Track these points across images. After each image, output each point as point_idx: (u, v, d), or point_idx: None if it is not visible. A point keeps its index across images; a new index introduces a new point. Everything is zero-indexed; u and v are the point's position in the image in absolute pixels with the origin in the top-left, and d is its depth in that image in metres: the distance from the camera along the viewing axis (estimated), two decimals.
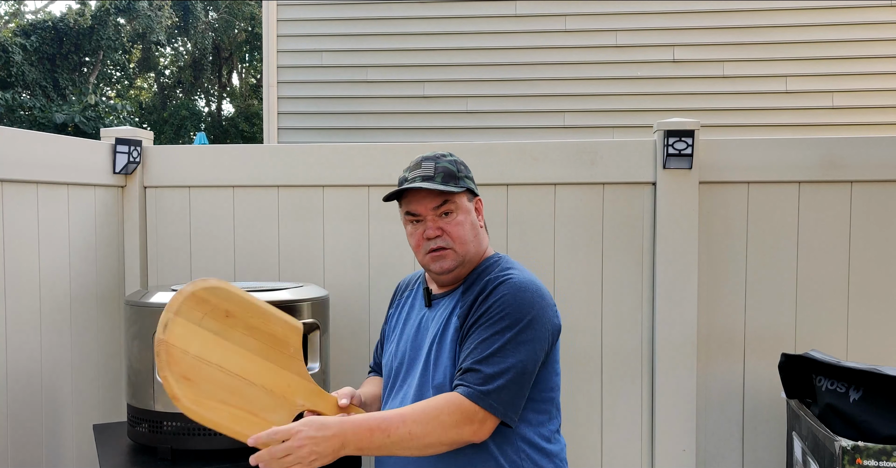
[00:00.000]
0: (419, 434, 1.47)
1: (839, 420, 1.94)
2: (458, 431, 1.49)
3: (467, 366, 1.53)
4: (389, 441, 1.47)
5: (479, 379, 1.50)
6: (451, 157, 1.73)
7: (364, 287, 2.61)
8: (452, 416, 1.48)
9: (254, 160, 2.64)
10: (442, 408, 1.49)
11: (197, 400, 1.52)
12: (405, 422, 1.48)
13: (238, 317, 1.60)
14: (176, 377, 1.51)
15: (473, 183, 1.74)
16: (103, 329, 2.54)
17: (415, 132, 5.29)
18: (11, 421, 2.12)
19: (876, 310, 2.44)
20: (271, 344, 1.62)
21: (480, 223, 1.73)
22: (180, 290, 1.55)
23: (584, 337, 2.53)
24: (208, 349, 1.56)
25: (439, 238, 1.66)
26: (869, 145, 2.43)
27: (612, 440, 2.53)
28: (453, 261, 1.67)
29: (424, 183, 1.64)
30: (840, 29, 5.07)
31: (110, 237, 2.60)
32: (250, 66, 22.85)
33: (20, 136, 2.16)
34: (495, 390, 1.50)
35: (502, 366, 1.51)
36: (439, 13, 5.35)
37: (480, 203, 1.76)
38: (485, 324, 1.57)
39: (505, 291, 1.59)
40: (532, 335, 1.56)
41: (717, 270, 2.49)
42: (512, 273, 1.64)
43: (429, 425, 1.48)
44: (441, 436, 1.48)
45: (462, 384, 1.51)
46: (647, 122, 3.02)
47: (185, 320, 1.54)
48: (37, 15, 20.39)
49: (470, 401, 1.49)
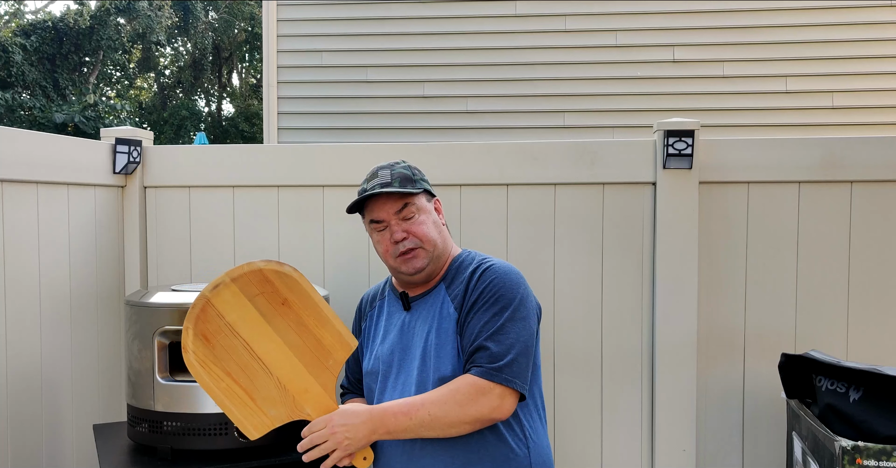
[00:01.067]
0: (439, 415, 1.58)
1: (839, 420, 1.94)
2: (477, 408, 1.58)
3: (474, 347, 1.63)
4: (413, 423, 1.58)
5: (489, 357, 1.60)
6: (405, 163, 1.84)
7: (364, 287, 2.61)
8: (468, 395, 1.58)
9: (254, 160, 2.64)
10: (457, 389, 1.59)
11: (204, 361, 1.55)
12: (424, 405, 1.58)
13: (293, 309, 1.61)
14: (196, 332, 1.55)
15: (429, 185, 1.85)
16: (103, 329, 2.54)
17: (415, 132, 5.29)
18: (11, 421, 2.12)
19: (876, 310, 2.44)
20: (312, 347, 1.62)
21: (443, 221, 1.84)
22: (251, 262, 1.57)
23: (584, 337, 2.53)
24: (245, 324, 1.57)
25: (406, 240, 1.74)
26: (869, 145, 2.43)
27: (612, 440, 2.53)
28: (425, 259, 1.74)
29: (384, 188, 1.73)
30: (840, 29, 5.07)
31: (110, 237, 2.60)
32: (250, 66, 22.85)
33: (20, 136, 2.16)
34: (506, 365, 1.59)
35: (508, 343, 1.62)
36: (439, 13, 5.35)
37: (439, 203, 1.87)
38: (482, 307, 1.67)
39: (493, 275, 1.70)
40: (525, 312, 1.68)
41: (717, 270, 2.49)
42: (491, 260, 1.77)
43: (446, 405, 1.58)
44: (461, 415, 1.58)
45: (474, 365, 1.61)
46: (647, 122, 3.02)
47: (238, 289, 1.57)
48: (37, 15, 20.39)
49: (483, 379, 1.59)
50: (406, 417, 1.58)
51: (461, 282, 1.74)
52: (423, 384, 1.70)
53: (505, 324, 1.63)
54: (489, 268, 1.72)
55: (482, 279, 1.70)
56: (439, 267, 1.79)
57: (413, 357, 1.74)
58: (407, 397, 1.65)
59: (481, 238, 2.53)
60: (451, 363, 1.67)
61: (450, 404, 1.58)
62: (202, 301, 1.55)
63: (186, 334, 1.54)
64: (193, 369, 1.54)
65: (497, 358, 1.60)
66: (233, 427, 1.88)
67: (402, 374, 1.74)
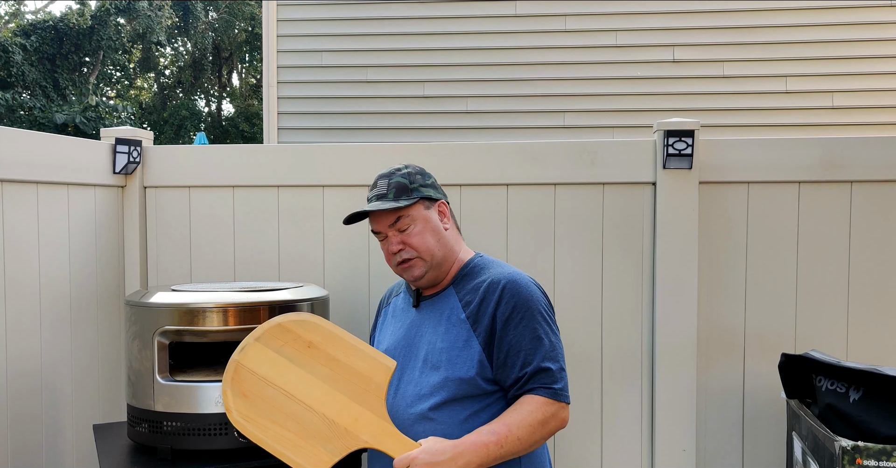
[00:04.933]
0: (525, 437, 1.63)
1: (839, 420, 1.94)
2: (553, 426, 1.67)
3: (536, 367, 1.67)
4: (504, 451, 1.62)
5: (550, 377, 1.68)
6: (406, 169, 1.83)
7: (364, 287, 2.61)
8: (545, 415, 1.66)
9: (254, 160, 2.64)
10: (534, 410, 1.65)
11: (247, 415, 1.60)
12: (511, 431, 1.63)
13: (321, 348, 1.65)
14: (234, 392, 1.62)
15: (432, 188, 1.83)
16: (103, 329, 2.54)
17: (415, 132, 5.29)
18: (11, 421, 2.12)
19: (876, 310, 2.44)
20: (350, 377, 1.64)
21: (446, 225, 1.83)
22: (270, 320, 1.65)
23: (584, 337, 2.53)
24: (277, 373, 1.63)
25: (403, 251, 1.78)
26: (869, 145, 2.43)
27: (612, 440, 2.53)
28: (422, 269, 1.77)
29: (375, 204, 1.77)
30: (840, 29, 5.07)
31: (110, 237, 2.60)
32: (250, 66, 22.85)
33: (20, 136, 2.16)
34: (564, 382, 1.70)
35: (558, 358, 1.70)
36: (439, 13, 5.35)
37: (444, 205, 1.84)
38: (520, 324, 1.70)
39: (516, 290, 1.72)
40: (551, 317, 1.76)
41: (717, 270, 2.49)
42: (503, 272, 1.77)
43: (530, 428, 1.64)
44: (541, 433, 1.65)
45: (541, 386, 1.67)
46: (647, 122, 3.02)
47: (264, 345, 1.64)
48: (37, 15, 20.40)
49: (552, 399, 1.67)
50: (497, 446, 1.61)
51: (473, 289, 1.75)
52: (422, 385, 1.71)
53: (549, 338, 1.71)
54: (509, 281, 1.73)
55: (504, 295, 1.71)
56: (444, 272, 1.81)
57: (416, 358, 1.75)
58: (485, 425, 1.66)
59: (481, 238, 2.53)
60: (467, 368, 1.69)
61: (534, 426, 1.64)
62: (233, 364, 1.62)
63: (226, 396, 1.61)
64: (239, 426, 1.59)
65: (557, 378, 1.68)
66: (233, 427, 1.88)
67: (406, 373, 1.76)
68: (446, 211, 1.85)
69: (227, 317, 1.92)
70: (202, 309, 1.92)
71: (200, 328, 1.92)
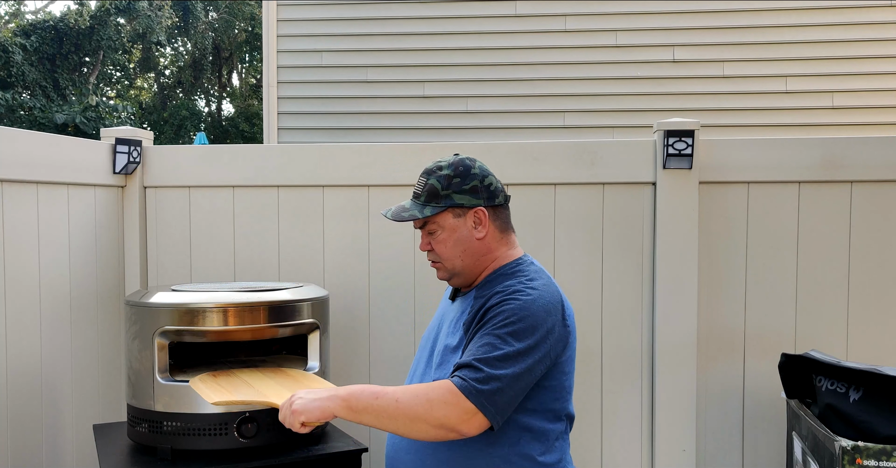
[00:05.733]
0: (405, 403, 1.50)
1: (839, 420, 1.94)
2: (445, 413, 1.49)
3: (467, 362, 1.53)
4: (377, 403, 1.52)
5: (474, 373, 1.50)
6: (447, 170, 1.73)
7: (364, 287, 2.61)
8: (441, 396, 1.50)
9: (254, 160, 2.64)
10: (433, 388, 1.52)
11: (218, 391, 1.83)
12: (395, 392, 1.53)
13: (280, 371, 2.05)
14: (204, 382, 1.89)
15: (469, 194, 1.71)
16: (103, 329, 2.54)
17: (415, 132, 5.28)
18: (11, 421, 2.12)
19: (876, 311, 2.44)
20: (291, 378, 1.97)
21: (479, 234, 1.73)
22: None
23: (584, 337, 2.53)
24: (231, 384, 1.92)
25: (430, 253, 1.77)
26: (869, 145, 2.43)
27: (612, 440, 2.53)
28: (445, 273, 1.77)
29: (397, 208, 1.76)
30: (840, 29, 5.07)
31: (110, 237, 2.60)
32: (250, 66, 22.85)
33: (20, 136, 2.16)
34: (490, 392, 1.50)
35: (501, 374, 1.51)
36: (439, 13, 5.35)
37: (481, 212, 1.72)
38: (492, 330, 1.57)
39: (507, 303, 1.60)
40: (536, 354, 1.57)
41: (717, 270, 2.49)
42: (520, 283, 1.66)
43: (417, 398, 1.51)
44: (426, 413, 1.49)
45: (459, 377, 1.52)
46: (647, 122, 3.02)
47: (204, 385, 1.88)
48: (37, 15, 20.40)
49: (461, 391, 1.49)
50: (372, 395, 1.53)
51: (484, 296, 1.67)
52: (425, 382, 1.71)
53: (507, 353, 1.53)
54: (515, 298, 1.61)
55: (504, 310, 1.59)
56: (472, 277, 1.76)
57: (430, 351, 1.78)
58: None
59: None
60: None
61: (421, 398, 1.50)
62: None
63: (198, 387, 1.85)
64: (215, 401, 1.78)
65: (484, 381, 1.50)
66: (233, 427, 1.88)
67: (420, 364, 1.80)
68: (484, 218, 1.73)
69: (226, 317, 1.92)
70: (202, 309, 1.92)
71: (200, 328, 1.92)
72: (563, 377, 1.72)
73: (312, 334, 2.10)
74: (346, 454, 1.95)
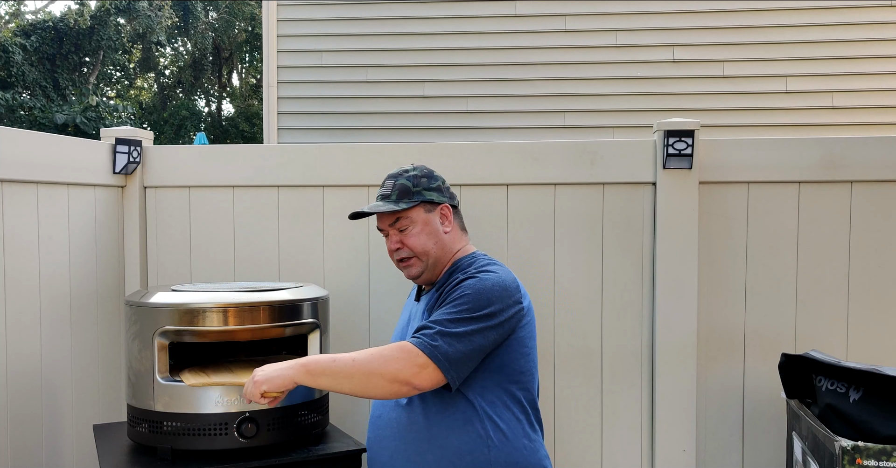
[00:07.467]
0: (361, 360, 1.62)
1: (839, 420, 1.94)
2: (398, 366, 1.60)
3: (422, 324, 1.68)
4: (335, 365, 1.63)
5: (430, 333, 1.64)
6: (413, 171, 1.91)
7: (364, 287, 2.61)
8: (395, 351, 1.63)
9: (254, 160, 2.64)
10: (389, 347, 1.65)
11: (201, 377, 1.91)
12: (353, 354, 1.65)
13: None
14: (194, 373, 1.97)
15: (436, 192, 1.90)
16: (103, 329, 2.54)
17: (415, 132, 5.29)
18: (11, 421, 2.12)
19: (876, 311, 2.44)
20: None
21: (447, 229, 1.90)
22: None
23: (584, 337, 2.53)
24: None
25: (401, 250, 1.89)
26: (869, 145, 2.43)
27: (612, 440, 2.53)
28: (419, 268, 1.88)
29: (374, 204, 1.88)
30: (840, 29, 5.07)
31: (110, 237, 2.60)
32: (250, 66, 22.85)
33: (20, 136, 2.16)
34: (443, 345, 1.62)
35: (454, 330, 1.64)
36: (439, 13, 5.35)
37: (447, 209, 1.91)
38: (448, 304, 1.71)
39: (472, 284, 1.73)
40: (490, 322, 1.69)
41: (717, 270, 2.49)
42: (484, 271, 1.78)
43: (372, 355, 1.63)
44: (381, 367, 1.61)
45: (414, 336, 1.66)
46: (647, 122, 3.02)
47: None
48: (37, 15, 20.39)
49: (415, 346, 1.62)
50: (330, 359, 1.64)
51: (446, 285, 1.81)
52: None
53: (462, 317, 1.66)
54: (473, 277, 1.75)
55: (458, 287, 1.73)
56: (438, 271, 1.90)
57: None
58: None
59: (481, 238, 2.52)
60: None
61: (374, 355, 1.63)
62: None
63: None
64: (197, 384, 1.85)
65: (435, 337, 1.63)
66: (233, 427, 1.88)
67: None
68: (448, 214, 1.92)
69: (226, 318, 1.92)
70: (202, 309, 1.92)
71: (200, 328, 1.92)
72: (522, 359, 1.79)
73: (312, 334, 2.09)
74: (346, 454, 1.95)
